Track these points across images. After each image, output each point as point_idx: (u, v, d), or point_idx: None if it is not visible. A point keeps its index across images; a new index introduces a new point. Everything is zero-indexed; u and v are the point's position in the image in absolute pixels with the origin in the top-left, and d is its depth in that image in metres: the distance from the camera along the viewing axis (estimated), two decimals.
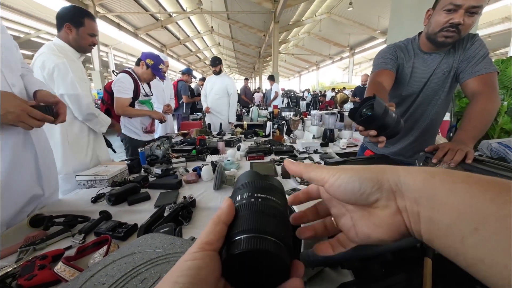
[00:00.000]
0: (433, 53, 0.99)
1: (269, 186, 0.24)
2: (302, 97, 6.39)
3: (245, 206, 0.21)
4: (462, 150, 0.72)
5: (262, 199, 0.21)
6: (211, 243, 0.18)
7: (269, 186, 0.24)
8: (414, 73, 1.03)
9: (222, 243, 0.19)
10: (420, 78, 1.02)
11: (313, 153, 1.64)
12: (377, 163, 0.83)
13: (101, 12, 8.47)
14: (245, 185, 0.24)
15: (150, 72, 1.78)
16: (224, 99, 3.02)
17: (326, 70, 25.09)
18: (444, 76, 0.99)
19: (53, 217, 0.77)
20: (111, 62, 13.03)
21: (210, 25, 12.03)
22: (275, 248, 0.17)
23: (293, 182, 1.14)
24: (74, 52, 1.30)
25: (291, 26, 11.33)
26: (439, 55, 0.98)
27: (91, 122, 1.32)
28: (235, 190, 0.25)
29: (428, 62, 1.00)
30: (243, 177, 0.26)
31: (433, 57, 0.99)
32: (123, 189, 0.95)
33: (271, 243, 0.17)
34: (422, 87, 1.03)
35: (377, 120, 0.59)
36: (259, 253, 0.17)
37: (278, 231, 0.19)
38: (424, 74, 1.01)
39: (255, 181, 0.24)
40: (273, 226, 0.19)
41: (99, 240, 0.67)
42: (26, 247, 0.65)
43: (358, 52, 15.33)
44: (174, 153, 1.59)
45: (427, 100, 1.05)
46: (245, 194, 0.22)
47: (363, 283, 0.39)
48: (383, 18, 9.78)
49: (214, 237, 0.18)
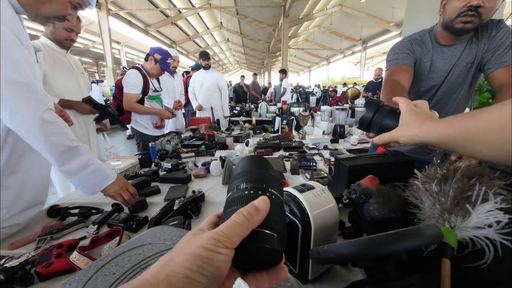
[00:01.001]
0: (452, 44, 0.91)
1: (268, 177, 0.24)
2: (311, 92, 6.28)
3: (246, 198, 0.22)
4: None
5: (263, 191, 0.22)
6: (235, 243, 0.19)
7: (268, 177, 0.24)
8: (433, 67, 0.95)
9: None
10: (439, 73, 0.95)
11: (323, 149, 1.61)
12: (391, 159, 0.79)
13: (113, 10, 8.62)
14: (244, 174, 0.24)
15: (159, 67, 1.79)
16: (216, 94, 2.97)
17: (337, 65, 24.48)
18: (466, 68, 0.91)
19: (69, 208, 0.80)
20: (123, 59, 13.30)
21: (219, 21, 11.97)
22: (278, 244, 0.20)
23: (302, 178, 1.12)
24: (58, 47, 1.32)
25: (301, 20, 11.08)
26: (460, 46, 0.90)
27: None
28: (233, 177, 0.25)
29: (448, 55, 0.92)
30: (241, 165, 0.26)
31: (453, 49, 0.91)
32: (135, 182, 0.98)
33: (273, 239, 0.20)
34: (442, 82, 0.96)
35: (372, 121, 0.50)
36: (266, 248, 0.20)
37: (280, 225, 0.21)
38: (444, 67, 0.94)
39: (253, 170, 0.25)
40: (275, 221, 0.21)
41: (112, 231, 0.68)
42: (44, 236, 0.68)
43: (370, 46, 14.80)
44: (184, 148, 1.61)
45: (447, 95, 0.98)
46: (242, 185, 0.23)
47: (376, 282, 0.38)
48: (397, 10, 9.36)
49: (239, 239, 0.19)
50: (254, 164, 0.26)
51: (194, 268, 0.17)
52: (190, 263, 0.17)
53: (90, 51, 14.18)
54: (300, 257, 0.48)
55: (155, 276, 0.17)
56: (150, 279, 0.17)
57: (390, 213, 0.51)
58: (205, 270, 0.17)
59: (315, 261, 0.40)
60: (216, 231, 0.19)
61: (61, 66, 1.34)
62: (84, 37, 11.79)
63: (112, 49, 8.55)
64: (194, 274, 0.17)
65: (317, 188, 0.51)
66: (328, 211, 0.48)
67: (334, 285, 0.51)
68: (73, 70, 1.42)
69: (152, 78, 1.86)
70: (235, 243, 0.19)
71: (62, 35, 1.31)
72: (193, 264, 0.17)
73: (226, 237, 0.18)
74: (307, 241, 0.47)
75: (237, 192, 0.23)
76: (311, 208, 0.46)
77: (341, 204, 0.77)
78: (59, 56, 1.34)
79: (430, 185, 0.47)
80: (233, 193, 0.23)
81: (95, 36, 11.18)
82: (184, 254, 0.18)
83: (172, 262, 0.17)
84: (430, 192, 0.46)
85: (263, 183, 0.23)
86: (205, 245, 0.18)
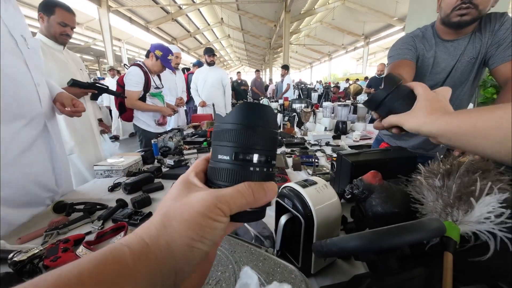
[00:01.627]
0: (455, 40, 0.90)
1: (267, 144, 0.21)
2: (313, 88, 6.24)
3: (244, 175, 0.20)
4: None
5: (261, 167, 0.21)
6: (234, 212, 0.19)
7: (267, 143, 0.21)
8: (436, 63, 0.94)
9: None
10: (442, 69, 0.94)
11: (325, 145, 1.61)
12: (393, 155, 0.79)
13: (114, 7, 8.57)
14: (240, 136, 0.20)
15: (160, 64, 1.78)
16: (219, 91, 2.95)
17: (339, 61, 24.23)
18: (470, 64, 0.90)
19: (74, 204, 0.81)
20: (124, 56, 13.28)
21: (220, 17, 11.87)
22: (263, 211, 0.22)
23: (304, 174, 1.12)
24: (54, 44, 1.31)
25: (302, 15, 10.94)
26: (462, 41, 0.89)
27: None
28: (225, 131, 0.21)
29: (451, 50, 0.91)
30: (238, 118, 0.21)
31: (456, 44, 0.90)
32: (138, 178, 0.99)
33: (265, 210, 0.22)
34: (445, 78, 0.95)
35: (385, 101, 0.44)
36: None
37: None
38: (448, 63, 0.93)
39: (251, 135, 0.20)
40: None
41: (117, 226, 0.70)
42: (51, 231, 0.69)
43: (373, 41, 14.61)
44: (186, 145, 1.62)
45: (452, 92, 0.98)
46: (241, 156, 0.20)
47: (378, 276, 0.38)
48: (401, 4, 9.20)
49: (238, 210, 0.19)
50: (256, 121, 0.20)
51: (196, 238, 0.17)
52: (192, 232, 0.17)
53: (91, 48, 14.16)
54: (303, 251, 0.49)
55: (155, 241, 0.16)
56: (149, 243, 0.16)
57: (392, 208, 0.51)
58: (206, 239, 0.17)
59: (318, 255, 0.40)
60: (219, 198, 0.18)
61: (57, 63, 1.33)
62: (85, 34, 11.76)
63: (113, 47, 8.54)
64: (197, 243, 0.17)
65: (319, 183, 0.51)
66: (330, 206, 0.49)
67: (337, 278, 0.51)
68: (70, 66, 1.41)
69: (153, 75, 1.86)
70: (233, 212, 0.19)
71: (56, 31, 1.29)
72: (194, 233, 0.17)
73: (228, 207, 0.18)
74: (309, 236, 0.47)
75: (240, 164, 0.20)
76: (314, 203, 0.47)
77: (343, 199, 0.77)
78: (55, 53, 1.33)
79: (433, 180, 0.47)
80: (233, 161, 0.20)
81: (96, 33, 11.16)
82: (186, 221, 0.17)
83: (171, 228, 0.17)
84: (433, 186, 0.46)
85: (268, 155, 0.21)
86: (207, 213, 0.17)
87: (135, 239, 0.16)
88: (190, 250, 0.17)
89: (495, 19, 0.85)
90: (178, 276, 0.17)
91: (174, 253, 0.16)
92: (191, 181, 0.20)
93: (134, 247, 0.16)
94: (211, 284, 0.36)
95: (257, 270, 0.38)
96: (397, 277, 0.36)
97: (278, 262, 0.41)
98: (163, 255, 0.16)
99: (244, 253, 0.42)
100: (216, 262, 0.41)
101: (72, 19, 1.35)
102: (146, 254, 0.16)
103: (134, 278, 0.15)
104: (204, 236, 0.17)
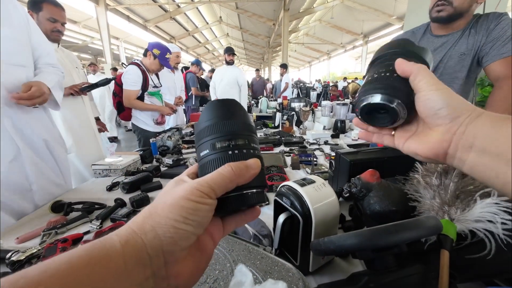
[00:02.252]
0: (444, 35, 0.94)
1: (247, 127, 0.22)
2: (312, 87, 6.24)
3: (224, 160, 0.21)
4: None
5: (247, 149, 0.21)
6: (218, 194, 0.19)
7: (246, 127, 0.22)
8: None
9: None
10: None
11: (324, 144, 1.61)
12: (391, 154, 0.79)
13: (111, 5, 8.50)
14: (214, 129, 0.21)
15: (158, 63, 1.77)
16: (235, 90, 2.98)
17: (338, 60, 24.23)
18: (461, 59, 0.93)
19: (72, 204, 0.81)
20: (122, 55, 13.20)
21: (219, 15, 11.82)
22: (260, 197, 0.22)
23: (302, 173, 1.13)
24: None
25: (301, 14, 10.92)
26: (451, 36, 0.93)
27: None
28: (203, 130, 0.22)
29: (437, 45, 0.96)
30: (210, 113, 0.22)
31: (445, 39, 0.94)
32: (137, 178, 0.98)
33: (257, 195, 0.22)
34: (433, 71, 0.99)
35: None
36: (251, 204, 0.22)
37: (263, 177, 0.22)
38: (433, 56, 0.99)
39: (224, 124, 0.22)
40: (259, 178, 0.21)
41: (115, 225, 0.69)
42: (49, 231, 0.69)
43: (372, 40, 14.61)
44: (185, 144, 1.62)
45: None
46: (218, 144, 0.21)
47: (376, 273, 0.38)
48: (400, 3, 9.20)
49: (223, 191, 0.20)
50: (225, 113, 0.22)
51: (179, 219, 0.17)
52: (175, 214, 0.17)
53: (89, 47, 14.08)
54: (301, 250, 0.49)
55: (140, 227, 0.17)
56: (136, 229, 0.17)
57: (390, 206, 0.51)
58: (190, 220, 0.18)
59: (316, 253, 0.41)
60: (200, 182, 0.19)
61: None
62: (82, 33, 11.69)
63: (111, 45, 8.48)
64: (180, 224, 0.17)
65: (317, 182, 0.51)
66: (328, 204, 0.49)
67: (334, 276, 0.52)
68: (65, 65, 1.39)
69: (151, 74, 1.85)
70: (218, 194, 0.19)
71: (47, 28, 1.26)
72: (178, 215, 0.17)
73: (210, 188, 0.19)
74: (308, 234, 0.48)
75: (218, 152, 0.21)
76: (312, 201, 0.47)
77: (341, 197, 0.77)
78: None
79: (430, 178, 0.47)
80: (212, 152, 0.21)
81: (94, 32, 11.08)
82: (168, 206, 0.18)
83: (156, 214, 0.18)
84: (430, 185, 0.46)
85: (244, 138, 0.22)
86: (189, 196, 0.18)
87: (123, 228, 0.18)
88: (175, 231, 0.17)
89: (492, 19, 0.87)
90: (166, 256, 0.17)
91: (159, 235, 0.17)
92: (181, 178, 0.22)
93: (122, 234, 0.17)
94: (209, 283, 0.36)
95: (254, 269, 0.39)
96: (395, 275, 0.37)
97: (276, 261, 0.41)
98: (148, 237, 0.17)
99: (242, 252, 0.43)
100: (214, 261, 0.41)
101: (61, 14, 1.32)
102: (133, 238, 0.17)
103: (122, 258, 0.15)
104: (187, 217, 0.17)
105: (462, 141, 0.21)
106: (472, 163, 0.21)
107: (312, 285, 0.48)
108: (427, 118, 0.24)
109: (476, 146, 0.21)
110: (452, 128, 0.22)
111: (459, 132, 0.22)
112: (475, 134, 0.21)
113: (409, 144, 0.27)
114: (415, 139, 0.27)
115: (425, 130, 0.26)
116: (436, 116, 0.23)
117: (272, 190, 0.94)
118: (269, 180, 0.98)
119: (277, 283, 0.25)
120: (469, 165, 0.21)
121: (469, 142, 0.21)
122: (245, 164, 0.20)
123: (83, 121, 1.50)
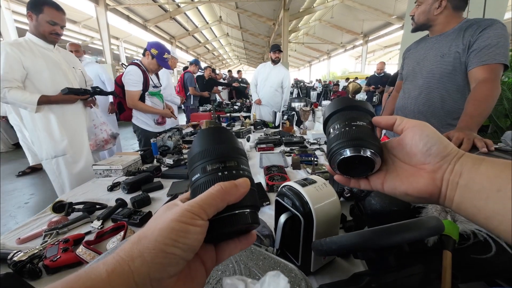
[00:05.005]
0: (431, 37, 1.07)
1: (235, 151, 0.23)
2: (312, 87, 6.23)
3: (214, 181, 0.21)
4: (478, 139, 0.70)
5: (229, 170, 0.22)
6: (210, 214, 0.19)
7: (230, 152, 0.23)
8: (409, 55, 1.18)
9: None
10: (412, 59, 1.14)
11: (324, 144, 1.61)
12: None
13: (111, 5, 8.50)
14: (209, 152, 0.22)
15: (156, 62, 1.76)
16: (278, 92, 2.75)
17: (338, 59, 24.21)
18: (437, 57, 1.01)
19: (74, 204, 0.81)
20: (122, 55, 13.20)
21: (219, 15, 11.80)
22: (253, 218, 0.21)
23: (303, 173, 1.13)
24: (43, 43, 1.29)
25: (301, 13, 10.90)
26: (435, 38, 1.04)
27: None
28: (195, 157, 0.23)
29: (421, 45, 1.11)
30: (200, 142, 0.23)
31: (429, 40, 1.08)
32: (137, 178, 0.98)
33: (249, 216, 0.21)
34: (415, 66, 1.11)
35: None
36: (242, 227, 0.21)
37: (254, 198, 0.22)
38: (419, 54, 1.11)
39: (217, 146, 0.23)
40: (250, 197, 0.21)
41: (116, 226, 0.70)
42: (50, 231, 0.69)
43: (372, 39, 14.58)
44: (185, 144, 1.62)
45: (430, 87, 1.07)
46: (208, 167, 0.22)
47: (377, 273, 0.39)
48: (400, 2, 9.18)
49: (214, 211, 0.19)
50: (215, 139, 0.23)
51: (168, 242, 0.17)
52: (164, 237, 0.17)
53: (89, 47, 14.05)
54: (302, 250, 0.49)
55: (128, 254, 0.17)
56: (124, 256, 0.17)
57: (391, 206, 0.51)
58: (180, 243, 0.17)
59: (318, 253, 0.41)
60: (190, 203, 0.19)
61: (47, 62, 1.30)
62: (82, 33, 11.67)
63: (111, 45, 8.47)
64: (169, 248, 0.17)
65: (319, 182, 0.51)
66: (330, 204, 0.49)
67: (336, 276, 0.52)
68: (62, 65, 1.38)
69: (151, 74, 1.85)
70: (209, 215, 0.19)
71: (45, 30, 1.27)
72: (167, 238, 0.17)
73: (201, 209, 0.18)
74: (309, 234, 0.48)
75: (209, 174, 0.21)
76: (313, 201, 0.47)
77: (342, 197, 0.77)
78: (45, 52, 1.30)
79: None
80: (203, 175, 0.21)
81: (94, 32, 11.07)
82: (158, 229, 0.17)
83: (144, 239, 0.17)
84: None
85: (234, 160, 0.22)
86: (179, 218, 0.18)
87: (111, 256, 0.17)
88: (164, 256, 0.17)
89: (481, 25, 0.90)
90: (154, 284, 0.17)
91: (147, 261, 0.16)
92: (174, 203, 0.21)
93: (109, 262, 0.16)
94: (212, 284, 0.36)
95: (257, 269, 0.39)
96: (396, 275, 0.37)
97: (278, 261, 0.41)
98: (136, 264, 0.16)
99: (244, 252, 0.43)
100: None
101: (61, 17, 1.32)
102: (120, 266, 0.16)
103: (108, 287, 0.15)
104: (177, 240, 0.17)
105: (451, 179, 0.22)
106: (458, 200, 0.21)
107: (314, 285, 0.48)
108: (417, 156, 0.24)
109: (461, 184, 0.21)
110: (443, 166, 0.22)
111: (449, 171, 0.22)
112: (461, 172, 0.21)
113: (391, 184, 0.26)
114: (396, 180, 0.26)
115: (407, 170, 0.25)
116: (428, 153, 0.23)
117: (273, 190, 0.94)
118: (270, 180, 0.98)
119: (278, 276, 0.25)
120: (456, 202, 0.22)
121: (456, 180, 0.22)
122: (234, 182, 0.20)
123: (79, 124, 1.49)
